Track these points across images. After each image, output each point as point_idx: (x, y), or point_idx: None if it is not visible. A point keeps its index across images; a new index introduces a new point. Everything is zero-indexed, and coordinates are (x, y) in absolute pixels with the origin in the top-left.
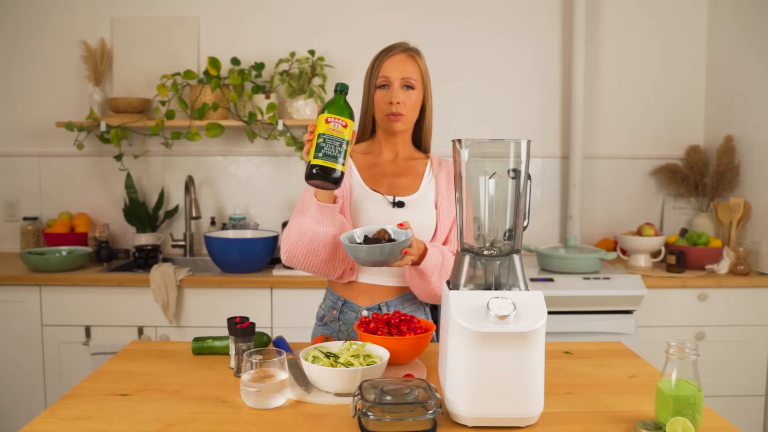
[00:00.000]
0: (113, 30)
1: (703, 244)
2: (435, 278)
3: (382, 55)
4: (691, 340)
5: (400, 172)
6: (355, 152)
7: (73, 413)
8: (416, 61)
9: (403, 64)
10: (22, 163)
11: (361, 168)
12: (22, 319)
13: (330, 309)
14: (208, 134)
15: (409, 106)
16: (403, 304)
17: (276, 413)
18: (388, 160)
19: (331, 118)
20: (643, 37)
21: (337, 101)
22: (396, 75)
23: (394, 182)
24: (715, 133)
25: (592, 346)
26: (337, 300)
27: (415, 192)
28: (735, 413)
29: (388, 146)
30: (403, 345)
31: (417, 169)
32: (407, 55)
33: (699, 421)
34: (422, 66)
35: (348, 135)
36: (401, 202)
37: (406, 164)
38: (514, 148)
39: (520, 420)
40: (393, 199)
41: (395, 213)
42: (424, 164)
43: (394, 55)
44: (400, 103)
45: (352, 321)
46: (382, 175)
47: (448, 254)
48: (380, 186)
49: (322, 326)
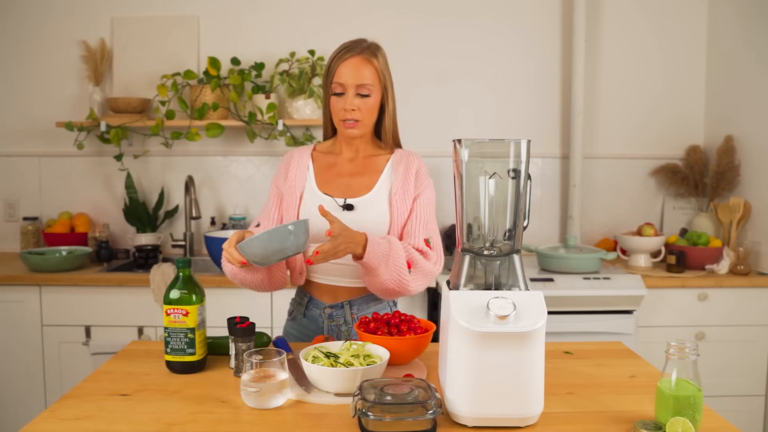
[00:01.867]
0: (113, 30)
1: (703, 244)
2: (383, 270)
3: (337, 58)
4: (691, 340)
5: (358, 171)
6: (317, 151)
7: (73, 413)
8: (372, 63)
9: (357, 70)
10: (22, 163)
11: (319, 169)
12: (22, 319)
13: (297, 304)
14: (208, 134)
15: (365, 111)
16: (367, 303)
17: (276, 413)
18: (347, 159)
19: (170, 310)
20: (643, 37)
21: (176, 283)
22: (350, 82)
23: (350, 182)
24: (715, 133)
25: (592, 346)
26: (304, 296)
27: (368, 192)
28: (735, 413)
29: (348, 146)
30: (402, 345)
31: (376, 167)
32: (362, 58)
33: (699, 422)
34: (379, 66)
35: (193, 321)
36: (350, 204)
37: (366, 162)
38: (514, 148)
39: (520, 420)
40: (343, 202)
41: (344, 216)
42: (386, 160)
43: (349, 58)
44: (354, 110)
45: (317, 318)
46: (338, 176)
47: (396, 245)
48: (333, 188)
49: (291, 320)
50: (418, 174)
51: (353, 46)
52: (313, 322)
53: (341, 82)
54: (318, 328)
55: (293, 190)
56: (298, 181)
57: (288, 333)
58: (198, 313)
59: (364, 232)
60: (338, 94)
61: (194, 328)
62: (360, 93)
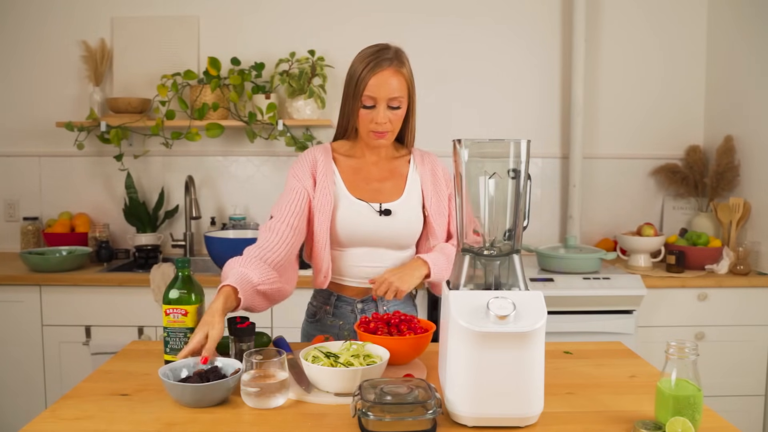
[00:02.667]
0: (113, 30)
1: (703, 244)
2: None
3: (368, 70)
4: (690, 340)
5: (385, 176)
6: (338, 153)
7: (73, 413)
8: (402, 73)
9: (389, 82)
10: (22, 163)
11: (345, 173)
12: (22, 319)
13: (323, 305)
14: (208, 134)
15: (395, 122)
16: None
17: (276, 413)
18: (372, 163)
19: (170, 310)
20: (642, 37)
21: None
22: (382, 95)
23: (380, 188)
24: (715, 133)
25: (592, 346)
26: (330, 296)
27: (400, 196)
28: (735, 413)
29: (370, 150)
30: (402, 345)
31: (400, 170)
32: (393, 70)
33: (699, 421)
34: (408, 75)
35: (192, 321)
36: (388, 210)
37: (390, 166)
38: (514, 148)
39: (520, 420)
40: (379, 207)
41: (382, 222)
42: (407, 162)
43: (382, 71)
44: (386, 123)
45: (347, 315)
46: (366, 181)
47: (450, 251)
48: (364, 193)
49: (314, 323)
50: (444, 172)
51: (382, 56)
52: (342, 318)
53: (373, 95)
54: (350, 325)
55: (327, 199)
56: (330, 188)
57: (309, 335)
58: (197, 313)
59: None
60: (369, 107)
61: (193, 328)
62: (391, 105)
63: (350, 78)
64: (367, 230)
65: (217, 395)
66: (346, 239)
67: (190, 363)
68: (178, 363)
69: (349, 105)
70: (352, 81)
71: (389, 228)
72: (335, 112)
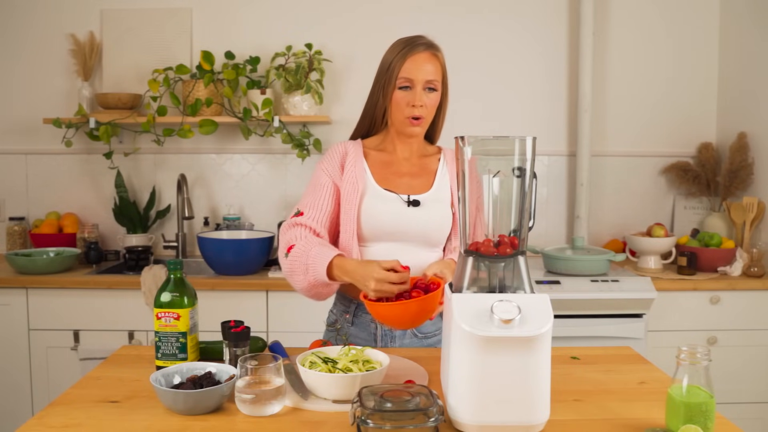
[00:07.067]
0: (103, 23)
1: (716, 245)
2: None
3: (405, 52)
4: (702, 345)
5: (416, 171)
6: (368, 147)
7: (61, 420)
8: (438, 58)
9: (426, 64)
10: (8, 161)
11: (374, 166)
12: (9, 323)
13: (343, 313)
14: (201, 131)
15: (430, 107)
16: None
17: (272, 421)
18: (403, 158)
19: (161, 313)
20: (653, 31)
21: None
22: (420, 77)
23: (410, 182)
24: (728, 130)
25: (600, 351)
26: (350, 303)
27: (429, 189)
28: (748, 421)
29: (402, 144)
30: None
31: (430, 167)
32: (429, 53)
33: (711, 429)
34: (443, 61)
35: (185, 325)
36: (416, 200)
37: (421, 163)
38: (519, 145)
39: (526, 428)
40: (408, 198)
41: (410, 212)
42: (437, 160)
43: (417, 53)
44: (422, 107)
45: (367, 324)
46: (397, 175)
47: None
48: (393, 186)
49: (334, 332)
50: None
51: (419, 42)
52: (363, 330)
53: (409, 77)
54: (369, 335)
55: (354, 188)
56: (358, 179)
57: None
58: (190, 316)
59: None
60: (405, 88)
61: (186, 332)
62: (428, 87)
63: (382, 66)
64: (393, 221)
65: (210, 402)
66: (370, 232)
67: (182, 369)
68: (170, 369)
69: (381, 93)
70: (384, 68)
71: (418, 221)
72: (333, 108)
